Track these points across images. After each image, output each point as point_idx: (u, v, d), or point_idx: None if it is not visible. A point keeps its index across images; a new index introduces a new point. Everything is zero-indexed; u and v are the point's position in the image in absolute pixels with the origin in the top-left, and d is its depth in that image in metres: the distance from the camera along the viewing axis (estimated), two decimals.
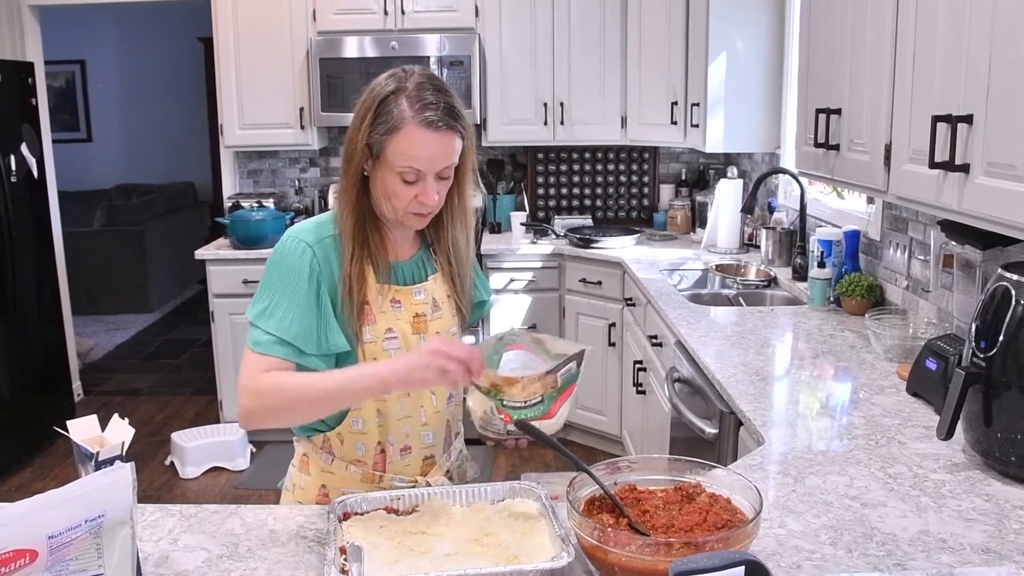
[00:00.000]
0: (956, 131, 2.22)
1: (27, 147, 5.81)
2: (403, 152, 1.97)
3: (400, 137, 1.97)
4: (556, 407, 1.90)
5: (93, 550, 1.46)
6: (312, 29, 5.89)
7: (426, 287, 2.17)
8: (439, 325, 2.17)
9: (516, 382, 1.84)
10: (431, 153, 1.98)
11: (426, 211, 2.05)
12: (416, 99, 1.97)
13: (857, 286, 3.68)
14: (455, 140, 2.01)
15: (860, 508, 1.97)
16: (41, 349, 6.05)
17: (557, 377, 1.88)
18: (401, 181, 2.00)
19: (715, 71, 5.08)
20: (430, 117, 1.96)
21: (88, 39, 10.89)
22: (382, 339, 2.09)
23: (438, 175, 2.02)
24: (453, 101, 2.02)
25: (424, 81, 2.01)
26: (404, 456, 2.17)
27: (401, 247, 2.18)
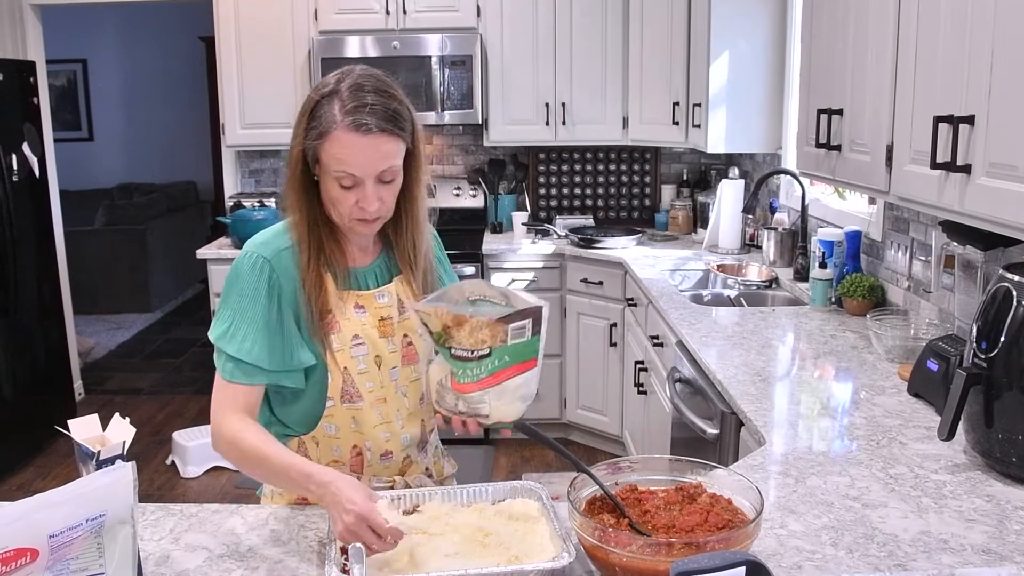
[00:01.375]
0: (958, 132, 2.22)
1: (29, 146, 5.81)
2: (335, 157, 1.92)
3: (330, 142, 1.92)
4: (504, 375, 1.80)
5: (94, 549, 1.46)
6: (314, 29, 5.89)
7: (389, 289, 2.14)
8: (407, 327, 2.14)
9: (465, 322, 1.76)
10: (363, 158, 1.92)
11: (369, 217, 1.99)
12: (347, 101, 1.92)
13: (858, 287, 3.68)
14: (390, 143, 1.94)
15: (861, 509, 1.97)
16: (42, 348, 6.05)
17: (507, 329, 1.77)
18: (339, 186, 1.95)
19: (717, 71, 5.07)
20: (359, 120, 1.90)
21: (90, 38, 10.90)
22: (349, 346, 2.06)
23: (379, 179, 1.96)
24: (390, 102, 1.95)
25: (360, 82, 1.96)
26: (385, 460, 2.15)
27: (362, 252, 2.15)
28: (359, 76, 1.98)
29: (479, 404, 1.81)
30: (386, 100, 1.95)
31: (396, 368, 2.12)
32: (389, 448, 2.15)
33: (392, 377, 2.12)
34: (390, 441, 2.14)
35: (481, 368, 1.78)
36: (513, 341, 1.78)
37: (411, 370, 2.16)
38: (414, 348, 2.15)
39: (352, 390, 2.08)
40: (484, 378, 1.79)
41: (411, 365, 2.16)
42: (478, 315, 1.76)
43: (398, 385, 2.14)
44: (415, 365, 2.16)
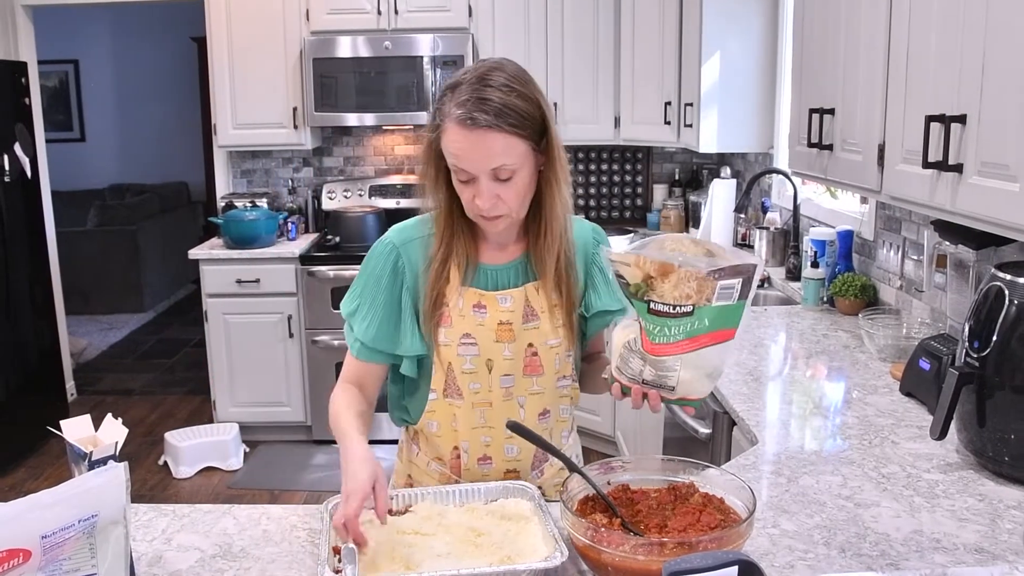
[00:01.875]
0: (949, 131, 2.22)
1: (20, 147, 5.80)
2: (448, 150, 1.88)
3: (445, 135, 1.87)
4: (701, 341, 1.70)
5: (86, 550, 1.45)
6: (305, 29, 5.88)
7: (514, 294, 2.04)
8: (534, 336, 2.05)
9: (671, 271, 1.66)
10: (471, 153, 1.85)
11: (488, 214, 1.92)
12: (462, 94, 1.85)
13: (850, 286, 3.68)
14: (502, 139, 1.84)
15: (853, 508, 1.97)
16: (34, 349, 6.04)
17: (717, 287, 1.66)
18: (458, 180, 1.91)
19: (709, 71, 5.08)
20: (465, 114, 1.83)
21: (81, 39, 10.87)
22: (457, 343, 2.02)
23: (494, 176, 1.87)
24: (509, 97, 1.85)
25: (484, 74, 1.88)
26: (483, 465, 2.10)
27: (497, 250, 2.08)
28: (488, 69, 1.90)
29: (668, 372, 1.74)
30: (505, 95, 1.85)
31: (511, 376, 2.06)
32: (488, 454, 2.10)
33: (503, 384, 2.05)
34: (490, 447, 2.09)
35: (680, 328, 1.69)
36: (719, 302, 1.69)
37: (532, 382, 2.08)
38: (539, 360, 2.06)
39: (453, 387, 2.06)
40: (681, 341, 1.70)
41: (533, 377, 2.07)
42: (687, 265, 1.67)
43: (512, 394, 2.07)
44: (538, 377, 2.08)
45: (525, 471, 2.13)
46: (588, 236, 2.17)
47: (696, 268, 1.67)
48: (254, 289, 5.77)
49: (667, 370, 1.74)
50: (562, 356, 2.09)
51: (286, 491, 5.28)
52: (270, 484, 5.42)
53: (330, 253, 5.79)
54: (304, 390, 5.90)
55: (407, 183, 6.39)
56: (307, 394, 5.89)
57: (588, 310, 2.12)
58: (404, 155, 6.60)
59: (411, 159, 6.59)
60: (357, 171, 6.61)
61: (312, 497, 5.11)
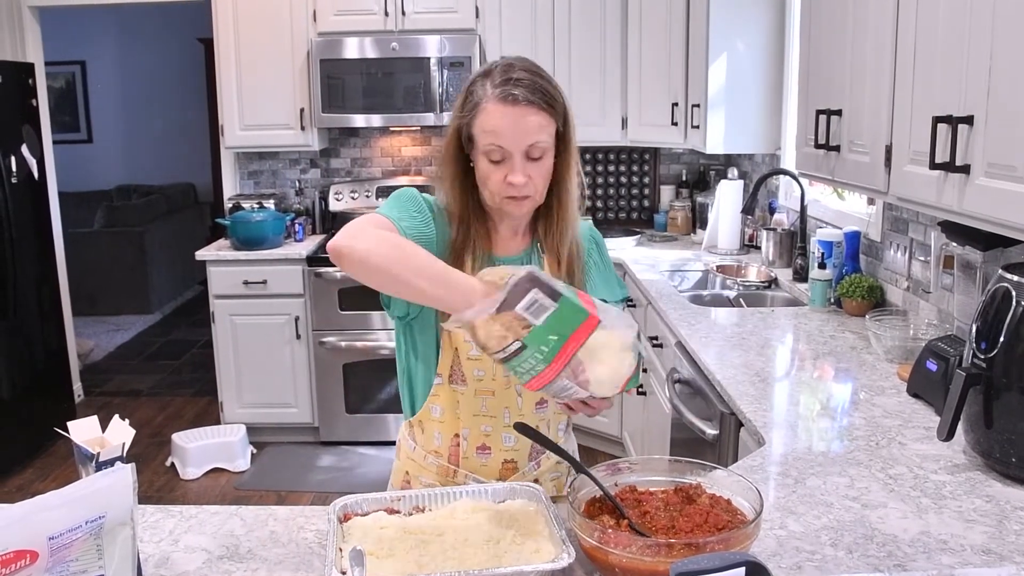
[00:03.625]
0: (957, 132, 2.22)
1: (27, 148, 5.81)
2: (485, 129, 1.95)
3: (482, 114, 1.96)
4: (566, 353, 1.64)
5: (94, 551, 1.46)
6: (312, 30, 5.88)
7: None
8: None
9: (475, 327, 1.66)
10: (510, 128, 1.94)
11: (518, 193, 1.98)
12: (497, 77, 1.97)
13: (858, 287, 3.68)
14: (538, 115, 1.95)
15: (861, 509, 1.97)
16: (41, 350, 6.05)
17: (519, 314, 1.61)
18: (489, 161, 1.98)
19: (716, 72, 5.08)
20: (508, 90, 1.93)
21: (88, 40, 10.89)
22: None
23: (527, 155, 1.96)
24: (539, 80, 1.98)
25: (511, 63, 2.01)
26: (481, 455, 2.14)
27: (507, 241, 2.14)
28: (514, 59, 2.03)
29: (567, 391, 1.73)
30: (535, 78, 1.98)
31: None
32: (487, 444, 2.14)
33: (505, 372, 2.08)
34: (490, 436, 2.13)
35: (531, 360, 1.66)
36: (539, 319, 1.63)
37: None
38: None
39: (459, 372, 2.10)
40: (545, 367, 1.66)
41: None
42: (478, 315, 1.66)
43: (511, 382, 2.11)
44: None
45: (522, 462, 2.17)
46: (585, 232, 2.26)
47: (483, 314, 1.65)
48: (261, 290, 5.77)
49: (564, 390, 1.73)
50: None
51: (293, 492, 5.29)
52: (277, 485, 5.42)
53: None
54: (311, 391, 5.90)
55: (414, 184, 6.35)
56: (314, 395, 5.90)
57: None
58: (411, 156, 6.60)
59: (418, 160, 6.60)
60: (364, 172, 6.61)
61: (319, 498, 5.11)
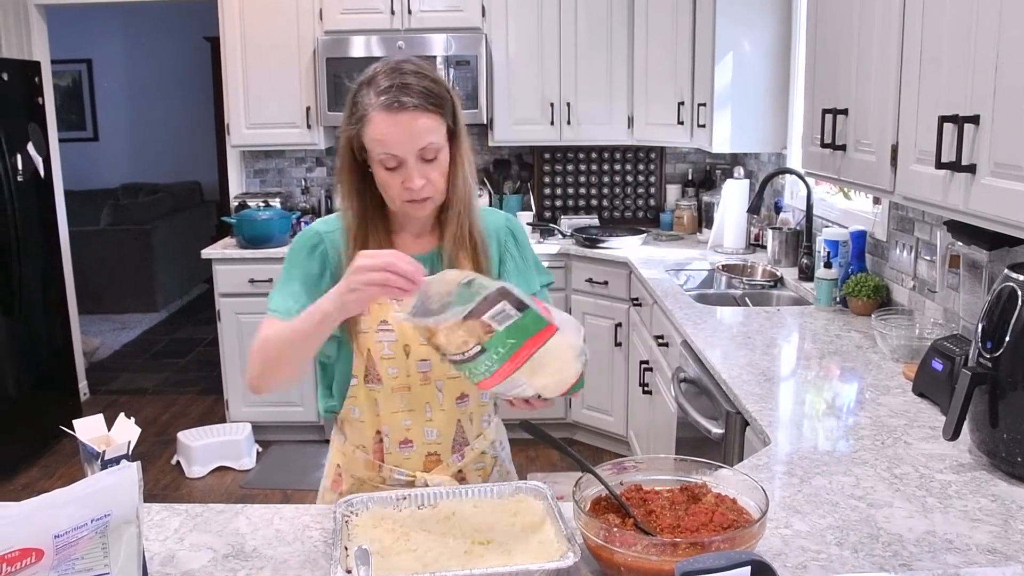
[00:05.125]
0: (963, 131, 2.22)
1: (34, 146, 5.82)
2: (375, 139, 1.97)
3: (369, 125, 1.97)
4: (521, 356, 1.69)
5: (99, 549, 1.46)
6: (319, 28, 5.89)
7: None
8: None
9: (436, 332, 1.70)
10: (400, 136, 1.95)
11: (418, 196, 2.01)
12: (381, 84, 1.97)
13: (863, 286, 3.67)
14: (426, 117, 1.97)
15: (866, 508, 1.96)
16: (47, 348, 6.07)
17: (486, 321, 1.67)
18: (384, 169, 1.99)
19: (722, 71, 5.07)
20: (390, 99, 1.94)
21: (95, 38, 10.92)
22: (375, 330, 2.09)
23: (420, 157, 1.98)
24: (422, 81, 1.99)
25: (394, 66, 2.01)
26: (404, 449, 2.17)
27: (412, 242, 2.16)
28: (395, 62, 2.03)
29: (516, 389, 1.76)
30: (419, 79, 1.99)
31: (428, 361, 2.11)
32: (409, 438, 2.16)
33: (420, 368, 2.12)
34: (411, 430, 2.16)
35: (486, 363, 1.71)
36: (502, 326, 1.68)
37: (449, 366, 2.07)
38: None
39: (373, 372, 2.12)
40: (498, 368, 1.71)
41: None
42: (441, 321, 1.70)
43: (429, 378, 2.13)
44: None
45: (446, 453, 2.20)
46: (501, 223, 2.29)
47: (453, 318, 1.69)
48: (267, 289, 5.73)
49: (514, 387, 1.76)
50: None
51: (299, 491, 5.29)
52: (283, 484, 5.42)
53: None
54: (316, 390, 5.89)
55: None
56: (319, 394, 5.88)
57: None
58: None
59: None
60: None
61: None
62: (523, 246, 2.30)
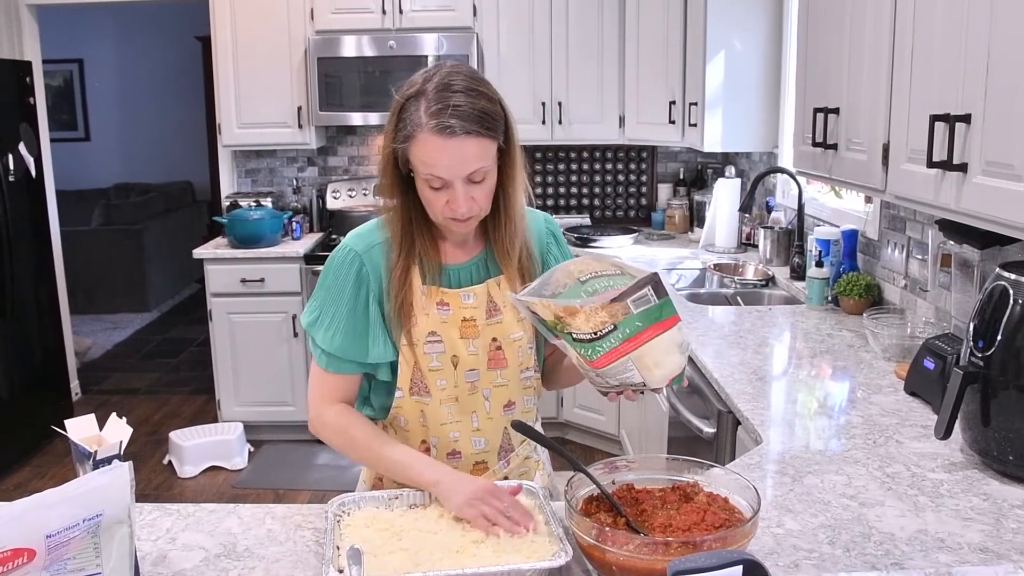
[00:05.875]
0: (954, 130, 2.22)
1: (25, 146, 5.80)
2: (422, 160, 1.88)
3: (416, 145, 1.87)
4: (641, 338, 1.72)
5: (91, 549, 1.46)
6: (310, 28, 5.88)
7: (477, 291, 2.07)
8: (497, 331, 2.08)
9: (578, 312, 1.70)
10: (449, 161, 1.86)
11: (461, 217, 1.94)
12: (432, 103, 1.86)
13: (855, 285, 3.68)
14: (476, 144, 1.87)
15: (858, 507, 1.97)
16: (39, 348, 6.05)
17: (628, 304, 1.70)
18: (429, 188, 1.92)
19: (713, 70, 5.08)
20: (443, 123, 1.84)
21: (86, 38, 10.89)
22: (424, 342, 2.04)
23: (469, 179, 1.90)
24: (477, 101, 1.88)
25: (447, 81, 1.89)
26: (452, 459, 2.12)
27: (457, 249, 2.10)
28: (446, 75, 1.91)
29: (625, 373, 1.76)
30: (473, 99, 1.88)
31: (476, 371, 2.08)
32: (457, 448, 2.12)
33: (468, 379, 2.08)
34: (459, 441, 2.12)
35: (611, 340, 1.72)
36: (639, 310, 1.71)
37: (496, 375, 2.10)
38: (502, 353, 2.09)
39: (421, 384, 2.07)
40: (617, 347, 1.72)
41: (497, 370, 2.10)
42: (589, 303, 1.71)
43: (477, 387, 2.10)
44: (502, 370, 2.11)
45: (492, 461, 2.17)
46: (542, 226, 2.23)
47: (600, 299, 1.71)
48: (258, 288, 5.77)
49: (623, 371, 1.76)
50: (524, 348, 2.13)
51: (291, 490, 5.29)
52: (275, 483, 5.42)
53: None
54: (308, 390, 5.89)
55: None
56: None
57: None
58: None
59: None
60: (362, 170, 6.61)
61: (317, 496, 5.11)
62: (563, 246, 2.27)
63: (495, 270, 2.12)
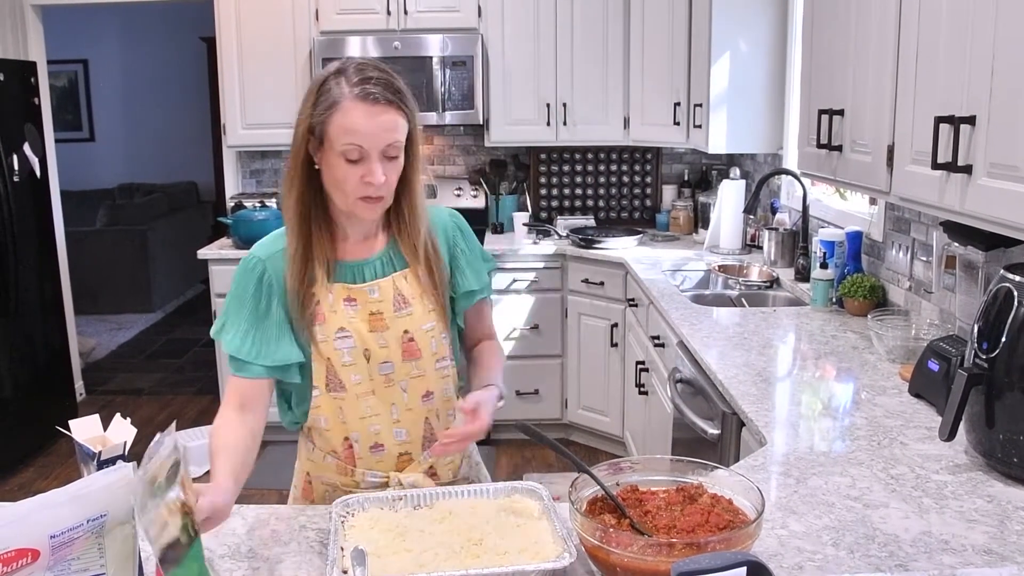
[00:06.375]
0: (959, 132, 2.22)
1: (30, 147, 5.81)
2: (343, 127, 1.96)
3: (339, 113, 1.96)
4: None
5: (95, 550, 1.46)
6: (315, 29, 5.89)
7: (382, 284, 2.13)
8: (408, 323, 2.14)
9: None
10: (370, 127, 1.96)
11: (374, 193, 2.01)
12: (354, 75, 1.98)
13: (859, 287, 3.67)
14: (396, 116, 1.99)
15: (862, 509, 1.97)
16: (43, 349, 6.06)
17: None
18: (345, 161, 1.98)
19: (718, 72, 5.07)
20: (368, 90, 1.96)
21: (91, 39, 10.90)
22: (333, 338, 2.09)
23: (384, 155, 1.99)
24: (394, 80, 2.02)
25: (365, 63, 2.03)
26: (376, 453, 2.17)
27: (359, 245, 2.16)
28: (362, 59, 2.08)
29: None
30: (391, 78, 2.02)
31: (390, 363, 2.13)
32: (379, 441, 2.16)
33: (383, 371, 2.13)
34: (380, 434, 2.16)
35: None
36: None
37: (412, 366, 2.15)
38: (416, 344, 2.15)
39: (335, 380, 2.12)
40: None
41: (412, 361, 2.15)
42: None
43: (393, 380, 2.14)
44: (417, 361, 2.15)
45: (416, 452, 2.21)
46: (447, 220, 2.31)
47: None
48: None
49: None
50: (438, 338, 2.19)
51: None
52: (279, 484, 5.39)
53: None
54: None
55: None
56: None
57: (455, 291, 2.25)
58: None
59: None
60: None
61: None
62: (469, 238, 2.33)
63: (401, 264, 2.18)
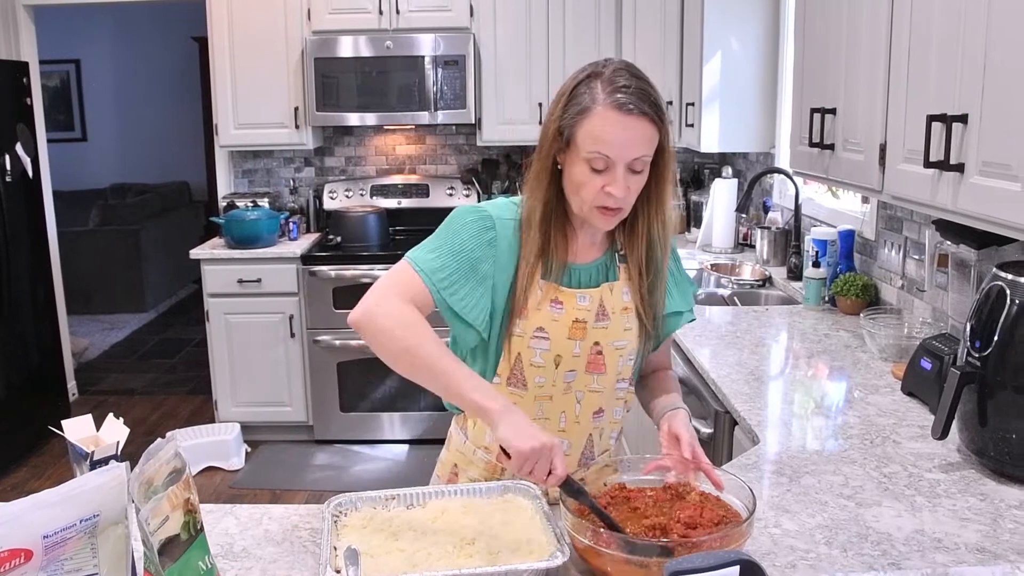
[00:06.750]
0: (951, 130, 2.22)
1: (22, 147, 5.80)
2: (593, 135, 1.87)
3: (590, 119, 1.87)
4: None
5: (88, 550, 1.45)
6: (307, 29, 5.88)
7: (592, 293, 2.04)
8: (602, 335, 2.05)
9: None
10: (621, 138, 1.86)
11: (613, 204, 1.91)
12: (610, 82, 1.88)
13: (852, 286, 3.68)
14: (649, 128, 1.87)
15: (855, 508, 1.97)
16: (36, 349, 6.04)
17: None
18: (589, 169, 1.89)
19: (710, 70, 5.07)
20: (622, 99, 1.85)
21: (83, 38, 10.88)
22: (530, 335, 2.01)
23: (629, 167, 1.89)
24: (650, 90, 1.91)
25: (621, 68, 1.92)
26: None
27: (584, 249, 2.07)
28: (620, 63, 1.94)
29: None
30: (647, 87, 1.91)
31: (574, 371, 2.06)
32: None
33: (566, 379, 2.06)
34: None
35: None
36: None
37: (593, 379, 2.08)
38: (602, 359, 2.07)
39: (519, 377, 2.05)
40: None
41: (594, 374, 2.08)
42: None
43: (571, 388, 2.08)
44: (599, 376, 2.08)
45: (572, 465, 2.11)
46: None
47: None
48: (255, 289, 5.77)
49: None
50: (625, 358, 2.10)
51: (288, 491, 5.29)
52: (272, 484, 5.42)
53: (331, 253, 5.79)
54: (305, 390, 5.90)
55: (408, 183, 6.39)
56: (308, 394, 5.89)
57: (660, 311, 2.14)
58: (405, 155, 6.60)
59: (412, 159, 6.59)
60: (358, 171, 6.61)
61: (314, 497, 5.11)
62: (678, 262, 2.24)
63: (612, 275, 2.09)
